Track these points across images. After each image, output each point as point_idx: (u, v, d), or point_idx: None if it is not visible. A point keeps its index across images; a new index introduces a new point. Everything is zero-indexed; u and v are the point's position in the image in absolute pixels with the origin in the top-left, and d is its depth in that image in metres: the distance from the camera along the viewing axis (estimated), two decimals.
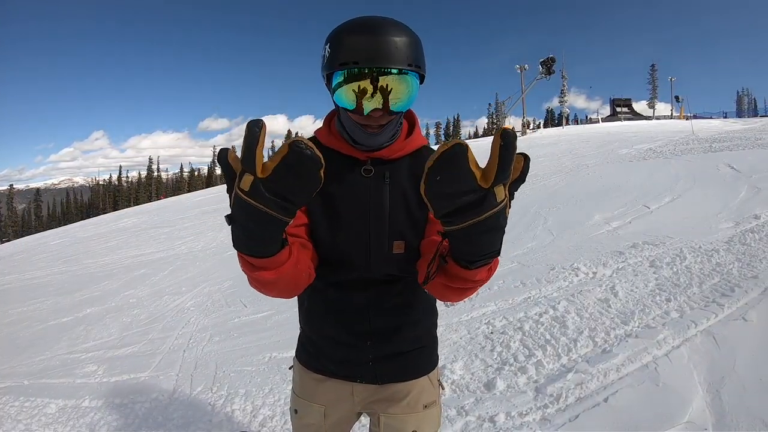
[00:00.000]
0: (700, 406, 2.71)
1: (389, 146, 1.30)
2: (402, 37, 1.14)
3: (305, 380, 1.50)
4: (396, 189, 1.30)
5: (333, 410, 1.47)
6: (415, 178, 1.33)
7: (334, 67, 1.15)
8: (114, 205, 75.33)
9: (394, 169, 1.32)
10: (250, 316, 5.07)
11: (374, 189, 1.29)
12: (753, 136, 14.54)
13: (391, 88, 1.15)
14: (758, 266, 4.56)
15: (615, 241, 5.94)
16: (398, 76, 1.15)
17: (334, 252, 1.32)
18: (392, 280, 1.36)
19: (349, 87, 1.15)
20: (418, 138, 1.37)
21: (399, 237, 1.30)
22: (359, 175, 1.29)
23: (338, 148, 1.31)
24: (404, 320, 1.41)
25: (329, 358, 1.44)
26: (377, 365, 1.41)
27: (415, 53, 1.16)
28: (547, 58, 38.14)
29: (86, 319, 5.78)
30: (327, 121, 1.38)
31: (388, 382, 1.44)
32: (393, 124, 1.25)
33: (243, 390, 3.52)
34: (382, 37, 1.12)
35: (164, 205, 24.32)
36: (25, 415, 3.45)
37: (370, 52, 1.12)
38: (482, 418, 2.85)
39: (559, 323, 3.93)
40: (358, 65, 1.12)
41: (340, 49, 1.14)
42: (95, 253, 11.10)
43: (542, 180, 11.22)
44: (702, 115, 50.91)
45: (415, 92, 1.20)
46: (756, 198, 7.01)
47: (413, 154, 1.35)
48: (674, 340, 3.44)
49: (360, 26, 1.15)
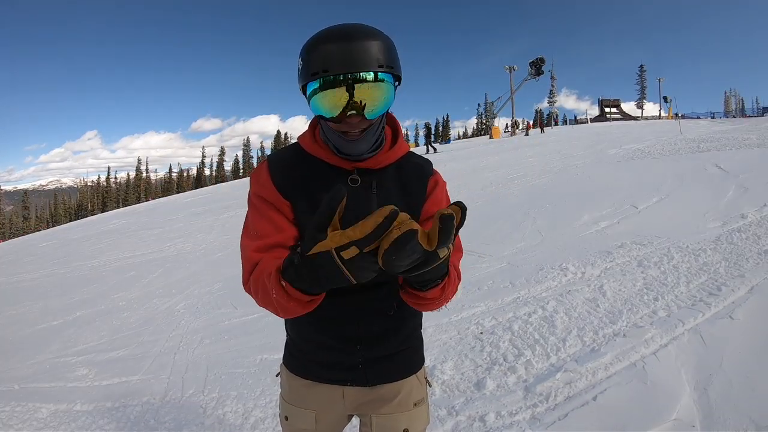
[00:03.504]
0: (687, 404, 2.75)
1: (374, 156, 1.31)
2: (371, 40, 1.15)
3: (294, 386, 1.50)
4: (383, 198, 1.32)
5: (324, 415, 1.48)
6: (401, 187, 1.36)
7: (306, 77, 1.17)
8: (102, 207, 74.85)
9: (380, 178, 1.34)
10: (241, 318, 5.06)
11: (362, 199, 1.30)
12: (740, 137, 14.67)
13: (365, 96, 1.16)
14: (745, 265, 4.61)
15: (603, 241, 5.98)
16: (373, 83, 1.15)
17: None
18: (380, 284, 1.37)
19: (323, 95, 1.16)
20: (402, 146, 1.39)
21: None
22: (346, 185, 1.30)
23: (324, 158, 1.31)
24: (392, 323, 1.43)
25: (319, 364, 1.45)
26: (367, 368, 1.43)
27: (386, 54, 1.17)
28: (536, 59, 38.29)
29: (76, 322, 5.75)
30: (311, 128, 1.39)
31: (378, 384, 1.45)
32: (373, 130, 1.26)
33: (234, 392, 3.53)
34: (351, 43, 1.13)
35: (153, 206, 24.16)
36: (17, 420, 3.44)
37: (339, 58, 1.12)
38: (472, 418, 2.87)
39: (548, 323, 3.96)
40: (328, 72, 1.12)
41: (310, 59, 1.15)
42: (84, 255, 11.00)
43: (531, 180, 11.26)
44: (690, 116, 51.49)
45: (390, 96, 1.21)
46: (743, 198, 7.07)
47: (398, 162, 1.38)
48: (662, 338, 3.48)
49: (328, 35, 1.16)
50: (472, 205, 9.05)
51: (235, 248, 9.25)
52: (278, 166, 1.34)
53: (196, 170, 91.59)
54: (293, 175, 1.32)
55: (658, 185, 8.52)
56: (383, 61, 1.15)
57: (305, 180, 1.32)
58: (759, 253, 4.86)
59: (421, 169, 1.42)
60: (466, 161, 18.10)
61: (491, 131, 36.12)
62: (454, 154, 22.28)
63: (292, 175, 1.32)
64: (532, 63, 38.37)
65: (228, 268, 7.39)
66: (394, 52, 1.21)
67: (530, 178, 11.66)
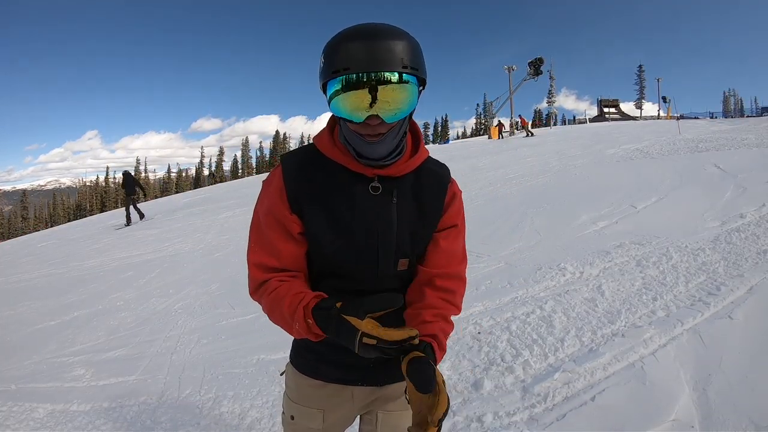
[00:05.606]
0: (686, 404, 2.74)
1: (395, 163, 1.29)
2: (396, 40, 1.11)
3: (302, 386, 1.49)
4: (402, 207, 1.31)
5: (332, 414, 1.48)
6: (418, 196, 1.34)
7: (327, 75, 1.13)
8: (101, 207, 74.77)
9: (400, 186, 1.31)
10: (238, 318, 5.05)
11: (383, 207, 1.29)
12: (739, 137, 14.68)
13: (388, 98, 1.12)
14: (744, 265, 4.61)
15: (602, 240, 5.97)
16: (397, 84, 1.11)
17: (341, 268, 1.32)
18: (392, 288, 1.38)
19: (345, 96, 1.12)
20: (422, 153, 1.36)
21: (404, 255, 1.33)
22: (367, 193, 1.28)
23: (345, 164, 1.28)
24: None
25: (330, 364, 1.44)
26: (378, 368, 1.42)
27: (411, 56, 1.13)
28: (535, 59, 38.24)
29: (74, 323, 5.73)
30: (329, 130, 1.34)
31: (388, 383, 1.46)
32: (394, 133, 1.21)
33: (231, 392, 3.51)
34: (375, 42, 1.10)
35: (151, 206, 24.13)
36: (14, 420, 3.43)
37: (362, 57, 1.09)
38: (470, 418, 2.86)
39: (546, 323, 3.95)
40: (350, 71, 1.09)
41: (333, 56, 1.12)
42: (82, 255, 10.97)
43: (529, 180, 11.27)
44: (689, 116, 51.40)
45: (414, 99, 1.17)
46: (742, 197, 7.07)
47: (416, 169, 1.35)
48: (661, 338, 3.47)
49: (352, 33, 1.13)
50: (471, 204, 9.03)
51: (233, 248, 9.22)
52: (293, 172, 1.30)
53: (195, 170, 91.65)
54: (310, 181, 1.29)
55: (657, 185, 8.53)
56: (408, 62, 1.12)
57: (323, 187, 1.29)
58: (758, 253, 4.86)
59: (439, 179, 1.39)
60: (465, 161, 18.11)
61: (490, 131, 36.12)
62: (453, 154, 22.26)
63: (309, 181, 1.29)
64: (530, 63, 38.33)
65: (226, 269, 7.39)
66: (420, 54, 1.18)
67: (529, 177, 11.68)
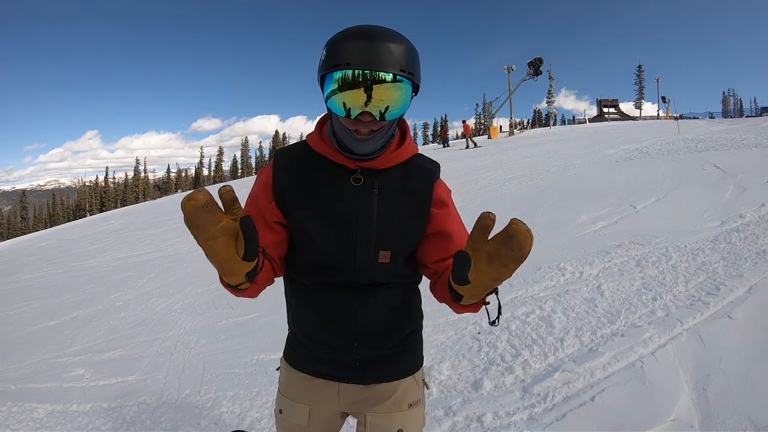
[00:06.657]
0: (686, 404, 2.74)
1: (379, 157, 1.30)
2: (396, 44, 1.15)
3: (291, 380, 1.52)
4: (385, 199, 1.32)
5: (318, 410, 1.49)
6: (405, 189, 1.35)
7: (327, 68, 1.16)
8: (101, 207, 74.80)
9: (383, 179, 1.33)
10: (238, 318, 5.06)
11: (363, 199, 1.30)
12: (738, 137, 14.67)
13: (382, 96, 1.15)
14: (743, 265, 4.61)
15: (601, 240, 5.97)
16: (392, 83, 1.14)
17: (322, 258, 1.33)
18: (380, 284, 1.38)
19: (342, 94, 1.15)
20: (409, 147, 1.38)
21: (385, 247, 1.33)
22: (348, 184, 1.30)
23: (328, 155, 1.31)
24: (391, 322, 1.44)
25: (317, 359, 1.46)
26: (364, 366, 1.43)
27: (409, 60, 1.16)
28: (534, 59, 38.17)
29: (73, 323, 5.73)
30: (319, 126, 1.39)
31: (374, 383, 1.46)
32: (384, 132, 1.25)
33: (231, 392, 3.51)
34: (377, 42, 1.13)
35: (151, 206, 24.14)
36: (13, 420, 3.43)
37: (363, 55, 1.12)
38: (470, 418, 2.86)
39: (545, 323, 3.95)
40: (350, 66, 1.12)
41: (334, 51, 1.15)
42: (82, 255, 10.99)
43: (529, 180, 11.27)
44: (688, 116, 51.50)
45: (407, 101, 1.20)
46: (741, 197, 7.07)
47: (404, 164, 1.36)
48: (660, 338, 3.47)
49: (357, 32, 1.16)
50: (471, 204, 9.05)
51: None
52: (284, 163, 1.36)
53: (194, 170, 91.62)
54: (297, 174, 1.33)
55: (657, 185, 8.53)
56: (405, 66, 1.15)
57: (308, 179, 1.32)
58: (757, 253, 4.86)
59: (428, 173, 1.40)
60: (464, 161, 18.10)
61: (489, 131, 36.05)
62: (453, 154, 22.27)
63: (296, 174, 1.33)
64: (530, 63, 38.24)
65: None
66: (417, 61, 1.21)
67: (528, 177, 11.68)
